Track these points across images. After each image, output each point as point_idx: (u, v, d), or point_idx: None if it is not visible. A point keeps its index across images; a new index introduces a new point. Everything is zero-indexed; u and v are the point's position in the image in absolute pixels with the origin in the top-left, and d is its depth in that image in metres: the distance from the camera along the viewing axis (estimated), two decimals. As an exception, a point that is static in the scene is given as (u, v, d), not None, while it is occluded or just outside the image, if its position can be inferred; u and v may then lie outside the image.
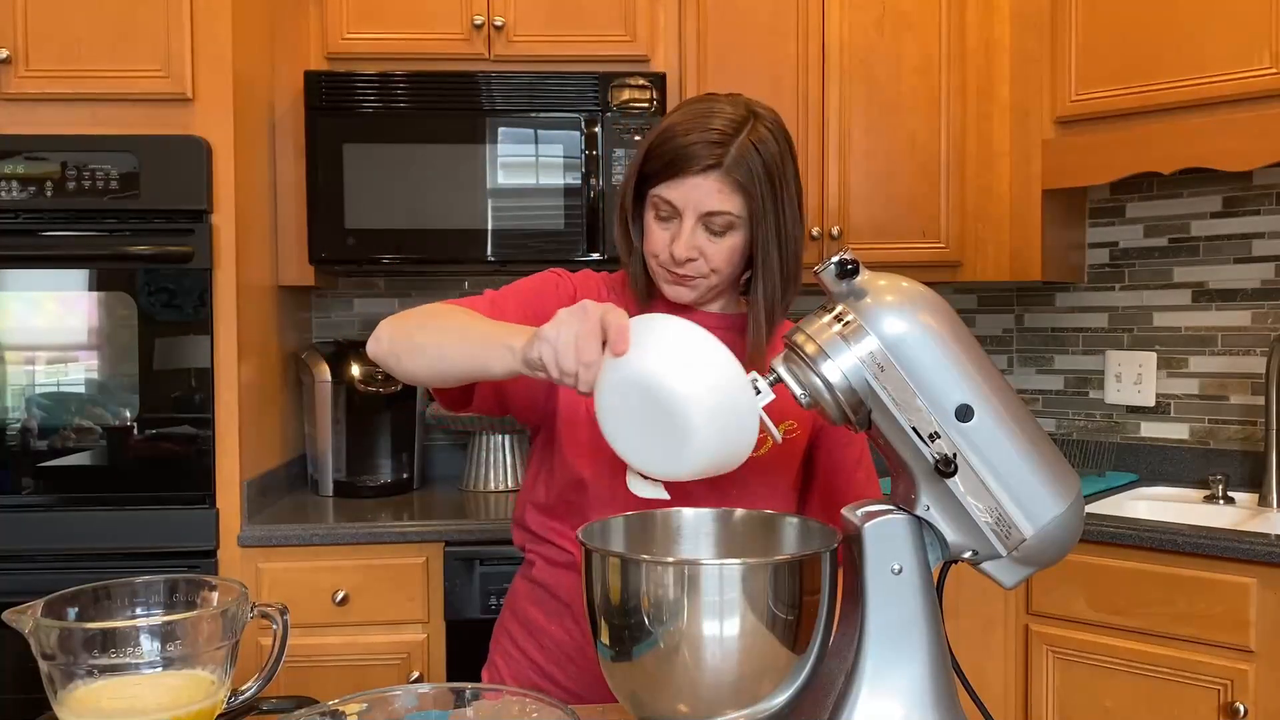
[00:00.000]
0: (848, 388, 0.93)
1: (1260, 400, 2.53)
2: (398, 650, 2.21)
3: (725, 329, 1.37)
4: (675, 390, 0.94)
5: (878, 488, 1.41)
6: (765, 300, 1.32)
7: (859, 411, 0.94)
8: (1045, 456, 0.95)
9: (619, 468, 1.10)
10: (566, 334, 1.00)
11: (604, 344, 0.99)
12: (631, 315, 1.36)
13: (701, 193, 1.26)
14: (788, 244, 1.31)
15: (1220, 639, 1.98)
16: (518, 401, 1.34)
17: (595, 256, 2.43)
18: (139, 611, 0.98)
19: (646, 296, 1.36)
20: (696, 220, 1.27)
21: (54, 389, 2.18)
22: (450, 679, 2.17)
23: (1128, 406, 2.76)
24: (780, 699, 0.91)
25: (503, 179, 2.43)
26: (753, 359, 1.35)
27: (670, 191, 1.27)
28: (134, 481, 2.18)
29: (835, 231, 2.57)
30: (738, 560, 0.91)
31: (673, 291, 1.33)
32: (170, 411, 2.18)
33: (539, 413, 1.36)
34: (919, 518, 0.96)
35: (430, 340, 1.18)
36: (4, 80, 2.13)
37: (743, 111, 1.29)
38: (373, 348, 1.24)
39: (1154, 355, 2.71)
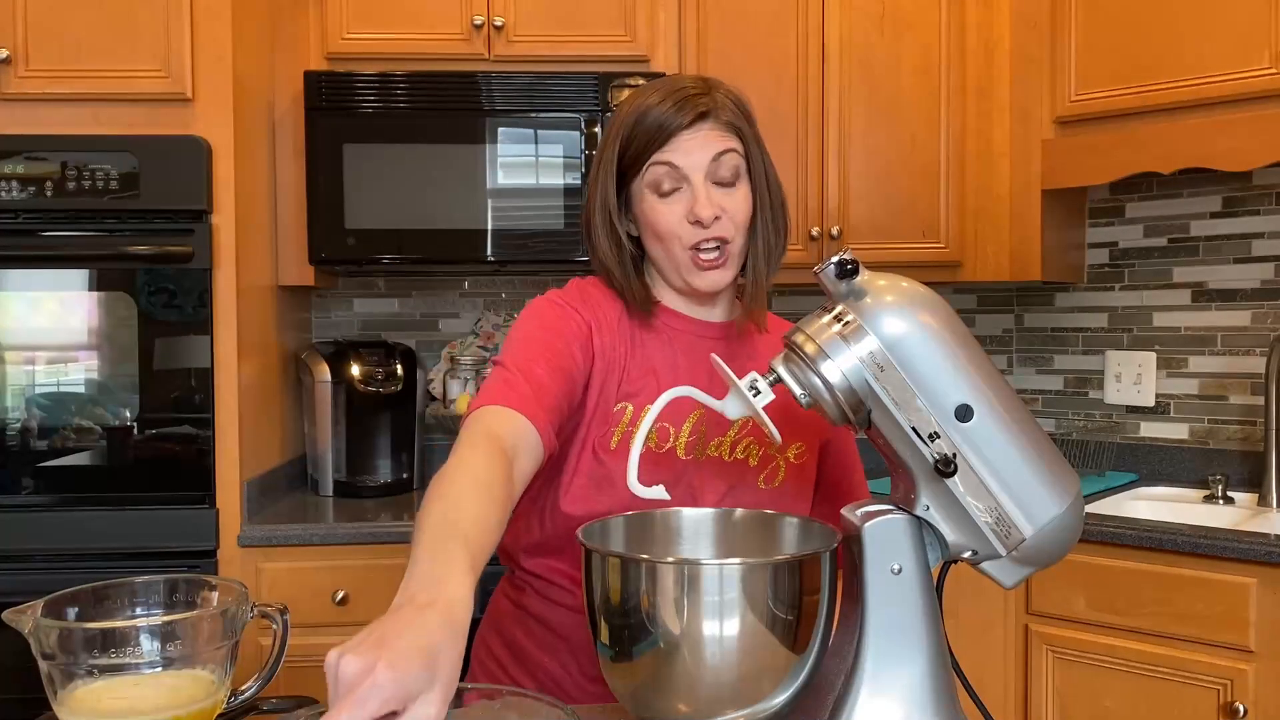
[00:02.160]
0: (848, 388, 0.93)
1: (1260, 400, 2.53)
2: (398, 650, 2.21)
3: (721, 338, 1.31)
4: None
5: (866, 486, 1.40)
6: (766, 257, 1.28)
7: (859, 411, 0.94)
8: (1045, 456, 0.95)
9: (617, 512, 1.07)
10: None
11: None
12: (642, 319, 1.31)
13: (702, 143, 1.21)
14: (776, 194, 1.28)
15: (1220, 639, 1.98)
16: (560, 438, 1.22)
17: (595, 256, 2.42)
18: (139, 611, 0.98)
19: (648, 301, 1.27)
20: (705, 176, 1.22)
21: (54, 389, 2.18)
22: (450, 679, 2.16)
23: (1127, 406, 2.76)
24: (780, 699, 0.91)
25: (503, 179, 2.43)
26: (749, 316, 1.30)
27: (669, 154, 1.21)
28: (134, 481, 2.18)
29: (835, 231, 2.57)
30: (738, 560, 0.91)
31: (707, 279, 1.24)
32: (170, 411, 2.18)
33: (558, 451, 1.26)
34: (919, 518, 0.96)
35: None
36: (4, 80, 2.13)
37: (704, 79, 1.28)
38: None
39: (1154, 355, 2.71)
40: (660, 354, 1.28)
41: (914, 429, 0.93)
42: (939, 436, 0.92)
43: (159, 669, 0.90)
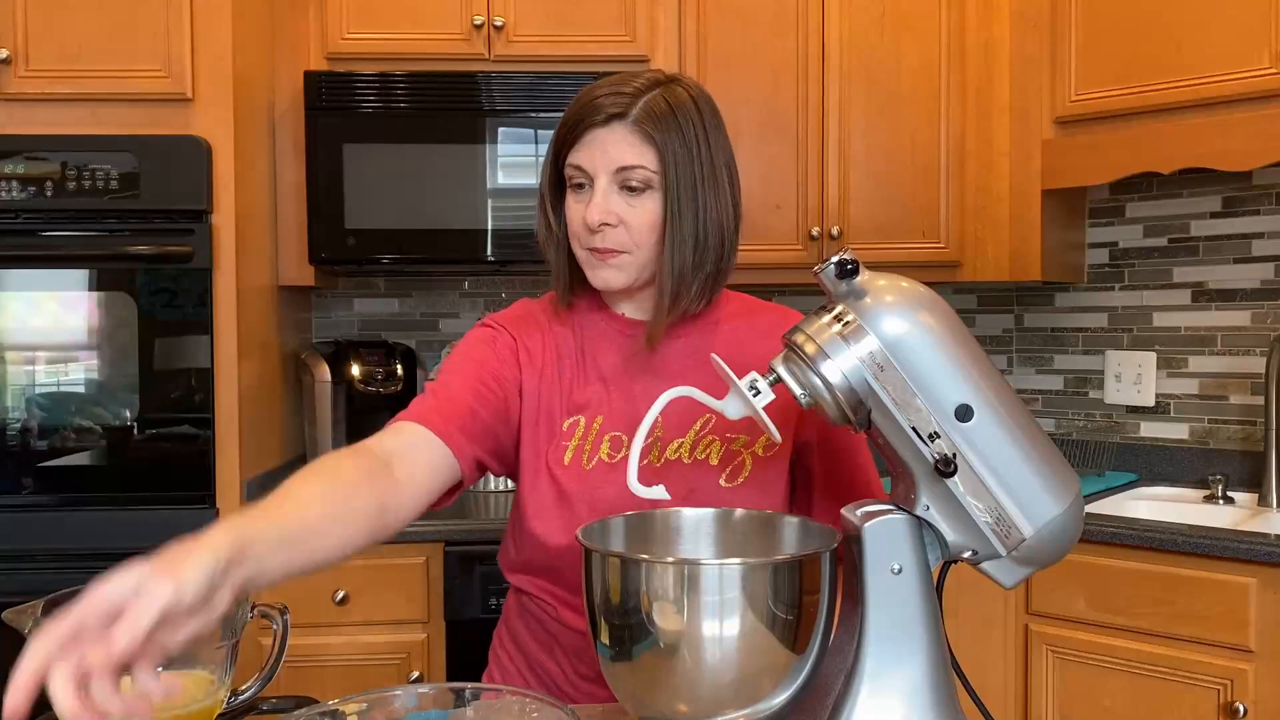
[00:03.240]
0: (848, 388, 0.93)
1: (1260, 400, 2.53)
2: (398, 650, 2.21)
3: (687, 334, 1.28)
4: None
5: (876, 471, 1.36)
6: (672, 273, 1.19)
7: (859, 411, 0.94)
8: (1045, 456, 0.95)
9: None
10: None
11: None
12: (589, 327, 1.27)
13: (609, 146, 1.17)
14: (705, 213, 1.19)
15: (1220, 639, 1.98)
16: (497, 463, 1.25)
17: (595, 256, 2.42)
18: (139, 611, 0.97)
19: (567, 290, 1.27)
20: (610, 180, 1.17)
21: (54, 389, 2.18)
22: (450, 679, 2.17)
23: (1127, 406, 2.76)
24: (780, 699, 0.91)
25: (503, 179, 2.43)
26: (650, 342, 1.23)
27: (579, 154, 1.18)
28: (134, 481, 2.18)
29: (835, 231, 2.57)
30: (738, 560, 0.91)
31: (598, 276, 1.21)
32: (170, 411, 2.18)
33: (510, 467, 1.28)
34: (919, 518, 0.96)
35: None
36: (4, 80, 2.13)
37: (662, 76, 1.23)
38: None
39: (1154, 355, 2.71)
40: (608, 360, 1.27)
41: (914, 429, 0.93)
42: (939, 436, 0.92)
43: (159, 669, 0.89)
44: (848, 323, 0.93)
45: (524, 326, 1.28)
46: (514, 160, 2.43)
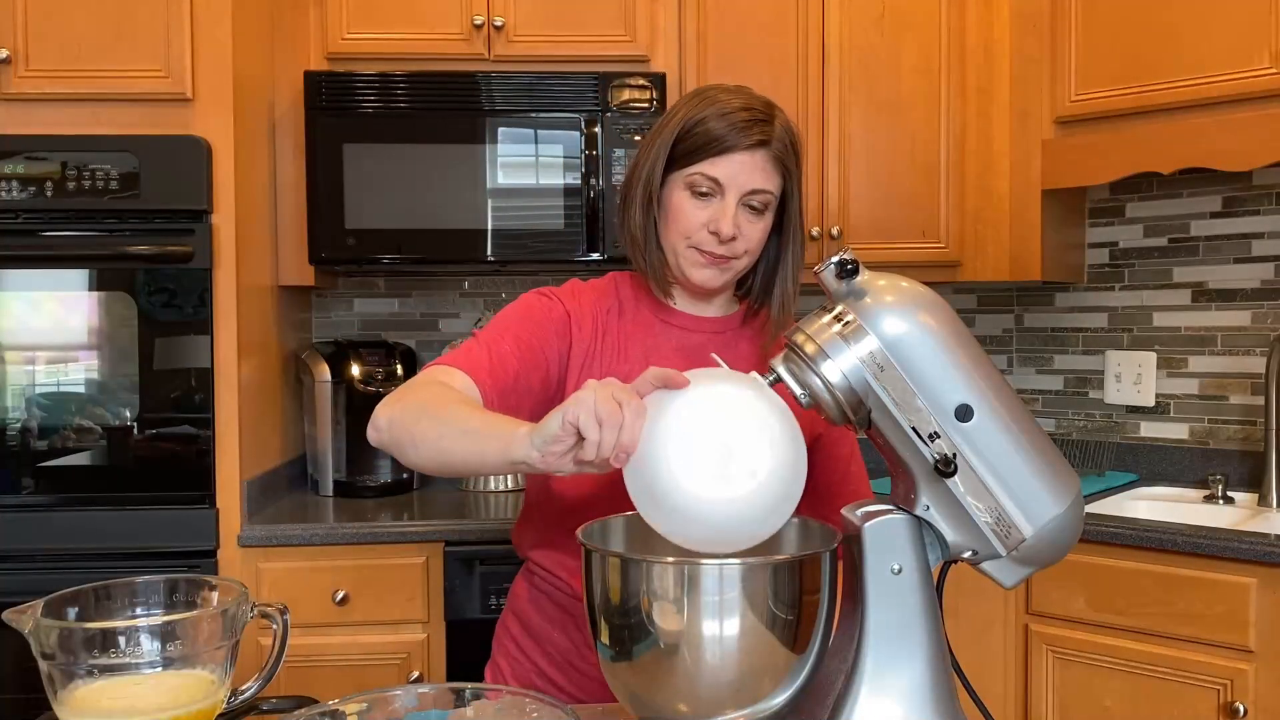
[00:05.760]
0: (848, 388, 0.93)
1: (1260, 400, 2.53)
2: (398, 650, 2.21)
3: (721, 331, 1.38)
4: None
5: (868, 483, 1.41)
6: (792, 281, 1.35)
7: (859, 411, 0.94)
8: (1045, 457, 0.95)
9: (618, 494, 1.08)
10: (598, 434, 0.93)
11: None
12: (632, 312, 1.36)
13: (750, 169, 1.27)
14: (801, 231, 1.35)
15: (1220, 639, 1.98)
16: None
17: (595, 256, 2.42)
18: (139, 611, 0.98)
19: (665, 285, 1.35)
20: (738, 197, 1.27)
21: (54, 389, 2.18)
22: (450, 679, 2.17)
23: (1127, 406, 2.76)
24: (780, 699, 0.92)
25: (503, 179, 2.43)
26: (768, 349, 1.36)
27: (717, 169, 1.27)
28: (134, 481, 2.17)
29: (835, 231, 2.57)
30: (738, 560, 0.91)
31: (704, 275, 1.31)
32: (170, 411, 2.18)
33: None
34: (919, 518, 0.96)
35: (429, 436, 1.12)
36: (4, 80, 2.13)
37: (762, 96, 1.33)
38: (373, 436, 1.19)
39: (1154, 355, 2.71)
40: (653, 341, 1.35)
41: (914, 429, 0.93)
42: (939, 436, 0.92)
43: (159, 669, 0.90)
44: (848, 323, 0.93)
45: (577, 300, 1.36)
46: (514, 160, 2.43)
